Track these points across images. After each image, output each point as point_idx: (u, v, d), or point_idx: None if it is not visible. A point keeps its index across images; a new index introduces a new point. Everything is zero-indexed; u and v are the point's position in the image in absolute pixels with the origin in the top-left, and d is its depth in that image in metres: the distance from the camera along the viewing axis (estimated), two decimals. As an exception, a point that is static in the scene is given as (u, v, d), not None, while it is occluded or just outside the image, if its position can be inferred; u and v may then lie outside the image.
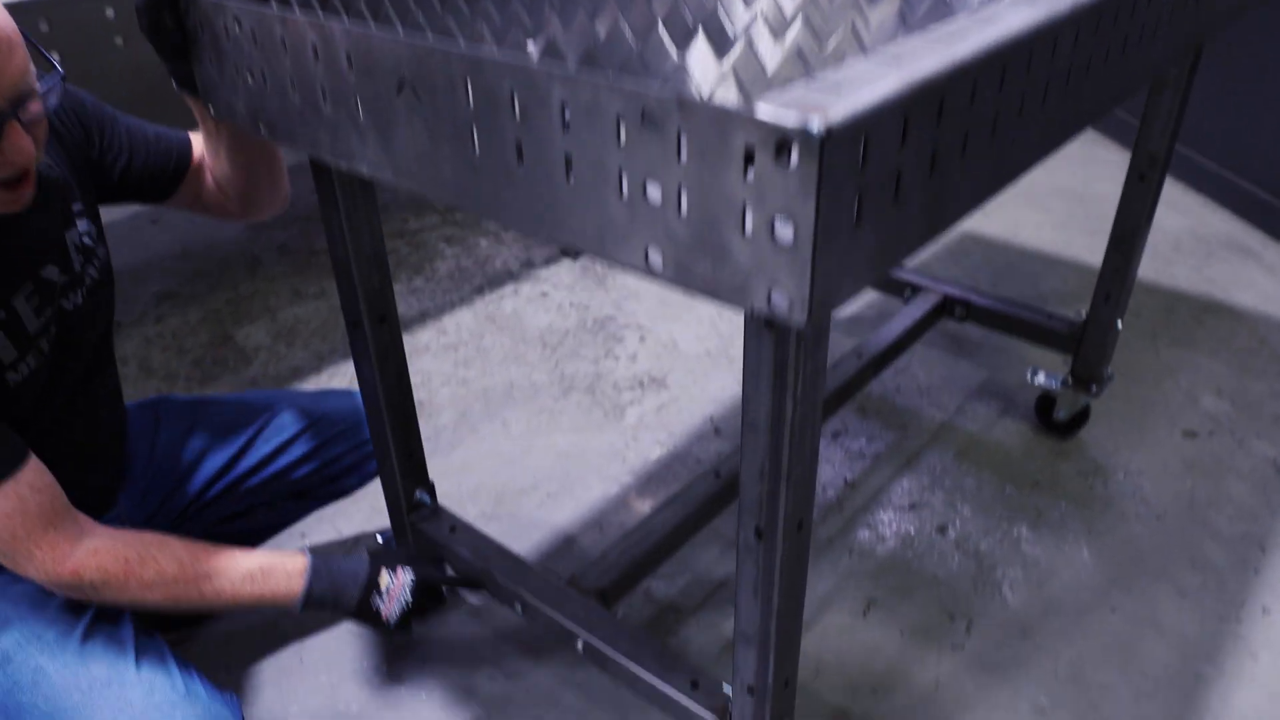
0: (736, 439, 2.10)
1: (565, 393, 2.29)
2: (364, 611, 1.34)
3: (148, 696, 1.14)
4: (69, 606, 1.21)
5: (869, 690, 1.54)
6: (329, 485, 1.59)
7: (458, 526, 1.48)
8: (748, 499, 0.93)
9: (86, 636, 1.19)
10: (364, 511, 1.90)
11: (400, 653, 1.60)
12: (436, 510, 1.50)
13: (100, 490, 1.34)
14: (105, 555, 1.15)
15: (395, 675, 1.56)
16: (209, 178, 1.36)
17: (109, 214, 1.41)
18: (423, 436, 1.47)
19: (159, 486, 1.43)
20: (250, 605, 1.27)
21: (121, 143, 1.30)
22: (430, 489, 1.50)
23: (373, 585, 1.33)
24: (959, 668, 1.58)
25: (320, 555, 1.33)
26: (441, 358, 2.43)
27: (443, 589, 1.41)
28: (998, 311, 2.12)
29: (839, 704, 1.52)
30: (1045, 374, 2.07)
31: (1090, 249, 2.87)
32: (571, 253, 2.91)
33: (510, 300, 2.69)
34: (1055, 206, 3.18)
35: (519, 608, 1.37)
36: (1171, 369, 2.34)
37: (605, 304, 2.66)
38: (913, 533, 1.86)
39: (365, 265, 1.26)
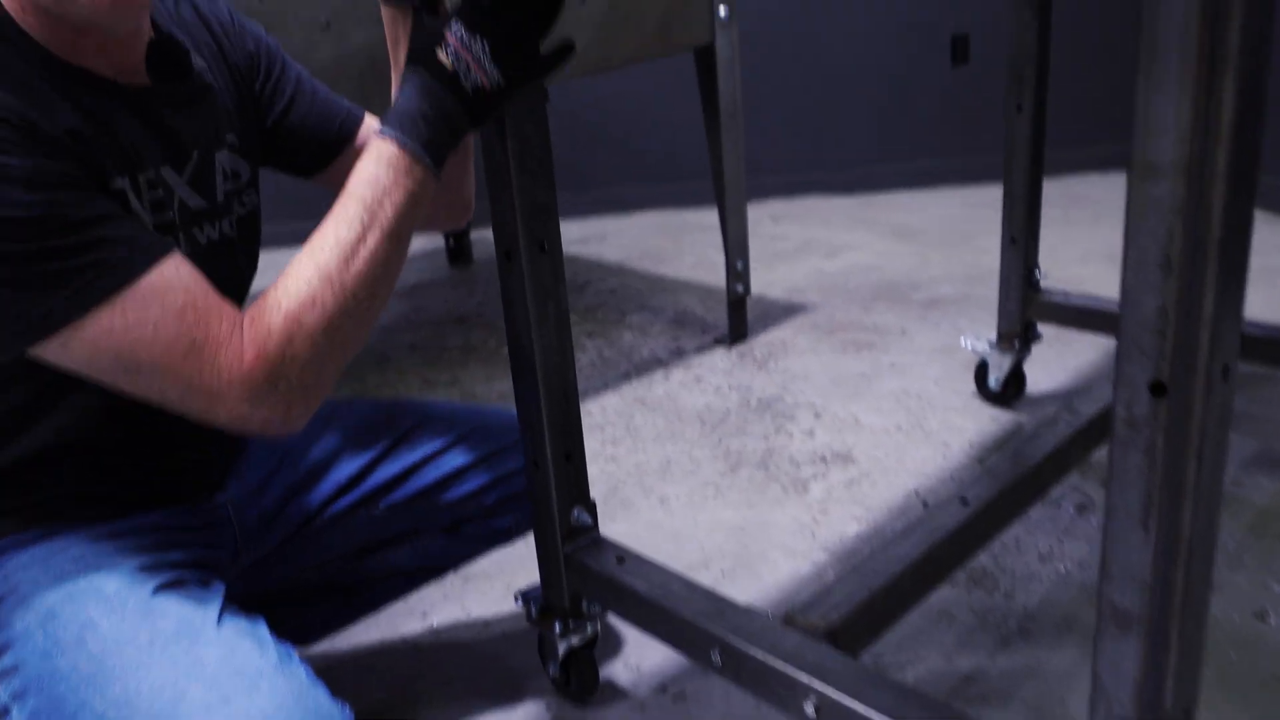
0: (953, 513, 1.67)
1: (733, 468, 1.93)
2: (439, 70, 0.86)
3: (227, 658, 0.79)
4: (146, 566, 0.89)
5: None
6: (486, 520, 1.24)
7: (626, 557, 1.11)
8: (1141, 325, 0.57)
9: (159, 590, 0.86)
10: (498, 590, 1.55)
11: None
12: (598, 538, 1.15)
13: (205, 465, 1.05)
14: (285, 300, 0.81)
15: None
16: None
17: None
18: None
19: (279, 481, 1.13)
20: (406, 213, 0.85)
21: (287, 86, 1.10)
22: (591, 508, 1.15)
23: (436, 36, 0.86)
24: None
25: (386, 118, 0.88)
26: (587, 437, 2.10)
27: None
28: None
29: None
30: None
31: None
32: (725, 339, 2.61)
33: (661, 385, 2.38)
34: None
35: (717, 655, 0.97)
36: None
37: (769, 385, 2.32)
38: (1219, 617, 1.38)
39: (527, 177, 0.98)
